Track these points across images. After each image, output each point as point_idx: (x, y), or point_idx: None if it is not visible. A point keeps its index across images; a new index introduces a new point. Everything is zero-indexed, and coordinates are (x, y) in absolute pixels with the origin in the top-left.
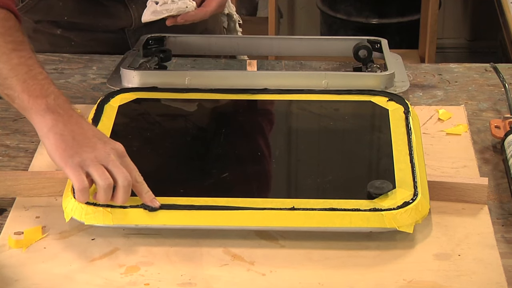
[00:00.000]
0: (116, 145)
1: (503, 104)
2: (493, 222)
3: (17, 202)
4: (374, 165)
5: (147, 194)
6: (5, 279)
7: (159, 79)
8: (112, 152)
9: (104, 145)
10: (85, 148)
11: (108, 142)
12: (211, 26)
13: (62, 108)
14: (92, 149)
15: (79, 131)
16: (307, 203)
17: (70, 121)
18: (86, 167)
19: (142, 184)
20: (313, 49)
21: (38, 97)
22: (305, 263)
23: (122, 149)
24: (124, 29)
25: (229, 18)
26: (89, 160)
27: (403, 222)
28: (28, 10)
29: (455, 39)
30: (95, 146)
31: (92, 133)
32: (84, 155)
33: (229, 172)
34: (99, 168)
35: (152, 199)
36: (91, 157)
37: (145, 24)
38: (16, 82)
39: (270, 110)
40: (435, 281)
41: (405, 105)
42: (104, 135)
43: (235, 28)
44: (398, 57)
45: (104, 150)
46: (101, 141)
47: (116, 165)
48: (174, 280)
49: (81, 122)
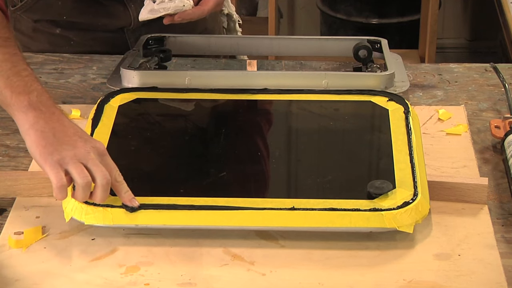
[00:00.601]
0: (97, 144)
1: (503, 104)
2: (493, 222)
3: (17, 202)
4: (374, 165)
5: (126, 194)
6: (5, 279)
7: (159, 79)
8: (92, 150)
9: (84, 143)
10: (65, 146)
11: (89, 141)
12: (210, 26)
13: (44, 105)
14: (72, 147)
15: (60, 128)
16: (307, 203)
17: (52, 119)
18: (65, 164)
19: (121, 184)
20: (313, 49)
21: (20, 93)
22: (305, 263)
23: (103, 148)
24: (123, 29)
25: (229, 18)
26: (69, 158)
27: (403, 222)
28: (27, 9)
29: (455, 39)
30: (75, 144)
31: (73, 131)
32: (63, 152)
33: (229, 172)
34: (78, 166)
35: (131, 198)
36: (70, 155)
37: (144, 24)
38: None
39: (270, 110)
40: (435, 281)
41: (405, 105)
42: (85, 133)
43: (235, 28)
44: (398, 57)
45: (84, 148)
46: (81, 139)
47: (95, 164)
48: (174, 280)
49: (63, 120)
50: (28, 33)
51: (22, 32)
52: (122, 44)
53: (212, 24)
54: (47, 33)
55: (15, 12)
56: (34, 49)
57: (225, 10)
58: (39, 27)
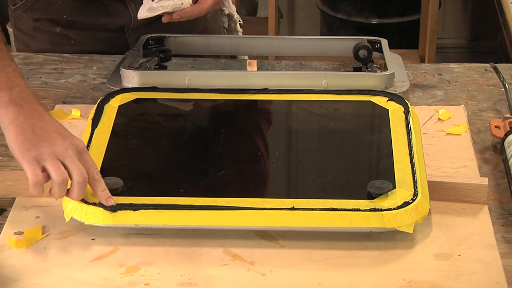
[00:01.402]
0: (76, 141)
1: (503, 104)
2: (493, 222)
3: (17, 202)
4: (374, 165)
5: (102, 193)
6: (5, 279)
7: (159, 79)
8: (71, 147)
9: (63, 140)
10: (43, 143)
11: (68, 138)
12: (211, 26)
13: (26, 102)
14: (50, 144)
15: (40, 124)
16: (307, 203)
17: (32, 115)
18: (42, 161)
19: (98, 182)
20: (313, 49)
21: (2, 89)
22: (305, 263)
23: (82, 145)
24: (124, 28)
25: (230, 18)
26: (46, 155)
27: (403, 222)
28: (27, 8)
29: (455, 39)
30: (54, 140)
31: (53, 128)
32: (41, 149)
33: (229, 172)
34: (55, 163)
35: (107, 197)
36: (48, 151)
37: (144, 23)
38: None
39: (270, 110)
40: (435, 281)
41: (405, 105)
42: (66, 130)
43: (235, 28)
44: (398, 57)
45: (62, 145)
46: (61, 136)
47: (73, 161)
48: (174, 280)
49: (44, 116)
50: (29, 32)
51: (23, 31)
52: (122, 43)
53: (213, 24)
54: (48, 32)
55: (16, 11)
56: (35, 48)
57: (226, 10)
58: (39, 26)
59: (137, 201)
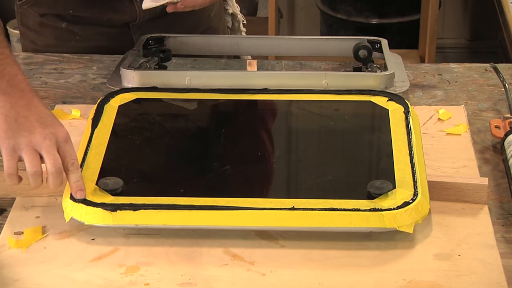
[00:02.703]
0: (57, 130)
1: (503, 104)
2: (493, 222)
3: (17, 202)
4: (374, 165)
5: (74, 184)
6: (5, 279)
7: (159, 79)
8: (49, 137)
9: (43, 129)
10: (22, 132)
11: (50, 126)
12: (215, 24)
13: (15, 90)
14: (29, 133)
15: (24, 113)
16: (307, 203)
17: (18, 103)
18: (19, 150)
19: (72, 172)
20: (313, 49)
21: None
22: (305, 263)
23: (62, 134)
24: (129, 24)
25: (233, 18)
26: (23, 144)
27: (403, 222)
28: (33, 3)
29: (455, 39)
30: (34, 130)
31: (37, 117)
32: (20, 139)
33: (229, 172)
34: (31, 153)
35: (77, 190)
36: (26, 141)
37: (149, 19)
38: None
39: (270, 110)
40: (435, 281)
41: (405, 105)
42: (51, 119)
43: (239, 28)
44: (398, 57)
45: (41, 134)
46: (41, 125)
47: (47, 151)
48: (174, 280)
49: (30, 105)
50: (35, 27)
51: (29, 27)
52: (127, 40)
53: (217, 22)
54: (53, 27)
55: (22, 7)
56: (40, 43)
57: (229, 9)
58: (45, 22)
59: (137, 201)
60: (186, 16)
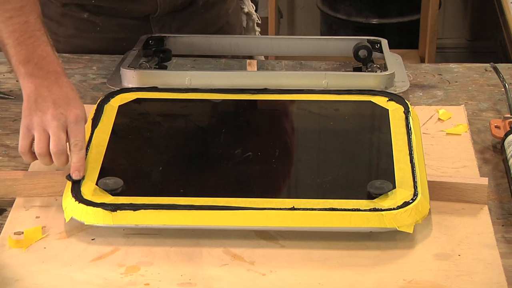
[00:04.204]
0: (69, 111)
1: (503, 104)
2: (493, 222)
3: (17, 202)
4: (374, 165)
5: (74, 164)
6: (5, 279)
7: (159, 79)
8: (58, 117)
9: (54, 110)
10: (37, 112)
11: (63, 107)
12: (232, 21)
13: (41, 72)
14: (42, 113)
15: (44, 94)
16: (307, 203)
17: (42, 84)
18: (32, 130)
19: (74, 153)
20: (313, 49)
21: (21, 62)
22: (305, 263)
23: (73, 116)
24: (149, 16)
25: (249, 17)
26: (36, 124)
27: (403, 222)
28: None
29: (455, 39)
30: (47, 110)
31: (54, 97)
32: (34, 118)
33: (229, 172)
34: (41, 133)
35: (75, 170)
36: (38, 121)
37: (169, 12)
38: (9, 48)
39: (270, 110)
40: (435, 281)
41: (405, 105)
42: (66, 100)
43: (253, 27)
44: (398, 57)
45: (52, 114)
46: (55, 106)
47: (53, 132)
48: (174, 280)
49: (52, 86)
50: (56, 18)
51: (51, 17)
52: (146, 32)
53: (234, 19)
54: (75, 17)
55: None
56: (61, 34)
57: (245, 8)
58: (67, 12)
59: (137, 201)
60: (205, 11)
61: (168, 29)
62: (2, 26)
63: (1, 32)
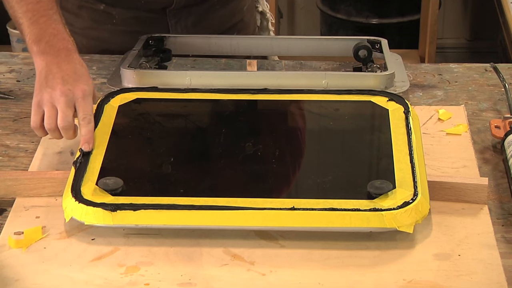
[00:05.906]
0: (76, 87)
1: (503, 104)
2: (493, 222)
3: (17, 202)
4: (374, 165)
5: (83, 136)
6: (5, 279)
7: (159, 79)
8: (66, 93)
9: (62, 86)
10: (47, 88)
11: (70, 83)
12: (247, 18)
13: (52, 49)
14: (51, 90)
15: (54, 71)
16: (307, 203)
17: (52, 61)
18: (43, 105)
19: (83, 126)
20: (313, 49)
21: (34, 41)
22: (305, 263)
23: (80, 91)
24: (165, 10)
25: (263, 17)
26: (45, 100)
27: (403, 222)
28: None
29: (455, 39)
30: (55, 86)
31: (63, 74)
32: (44, 95)
33: (229, 172)
34: (50, 109)
35: (84, 142)
36: (47, 97)
37: (185, 6)
38: (24, 27)
39: (270, 110)
40: (435, 281)
41: (405, 105)
42: (74, 76)
43: (267, 26)
44: (398, 57)
45: (60, 90)
46: (63, 82)
47: (61, 107)
48: (174, 280)
49: (62, 63)
50: (73, 10)
51: (68, 9)
52: (162, 25)
53: (249, 16)
54: (92, 9)
55: None
56: (78, 26)
57: (259, 7)
58: (84, 4)
59: (137, 201)
60: (220, 7)
61: (184, 24)
62: (17, 6)
63: (16, 13)
